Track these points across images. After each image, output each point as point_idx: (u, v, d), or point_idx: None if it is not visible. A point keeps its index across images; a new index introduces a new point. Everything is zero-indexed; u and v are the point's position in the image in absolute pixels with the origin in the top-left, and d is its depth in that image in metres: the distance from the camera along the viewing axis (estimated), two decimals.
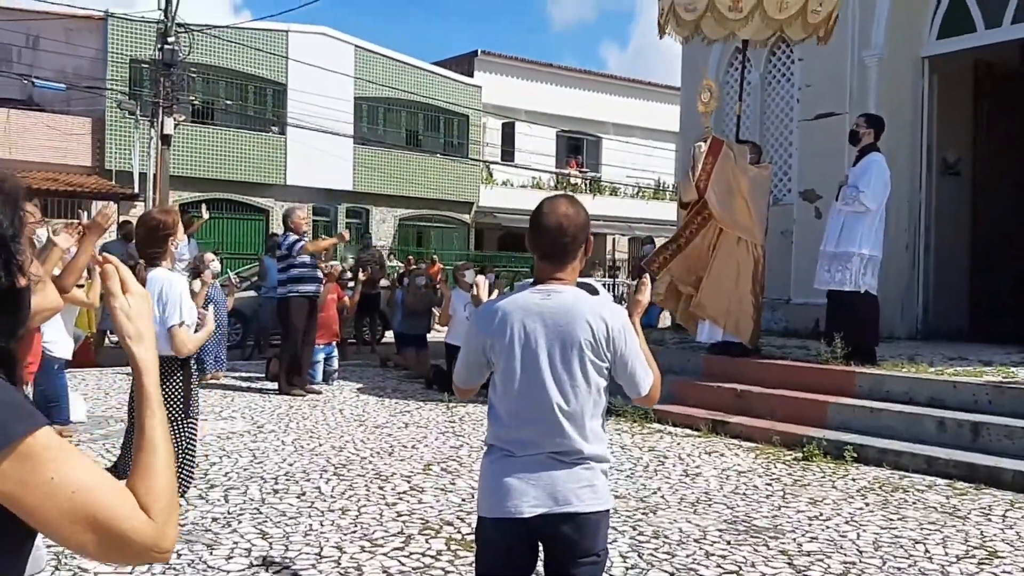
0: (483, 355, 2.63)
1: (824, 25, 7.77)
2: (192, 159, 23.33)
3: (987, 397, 6.14)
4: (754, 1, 7.42)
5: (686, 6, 7.71)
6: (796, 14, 7.49)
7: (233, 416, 7.51)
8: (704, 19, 7.64)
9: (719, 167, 7.67)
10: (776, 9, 7.43)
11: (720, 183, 7.67)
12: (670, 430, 7.21)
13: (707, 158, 7.72)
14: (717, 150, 7.72)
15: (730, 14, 7.49)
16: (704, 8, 7.57)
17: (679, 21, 7.79)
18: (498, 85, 29.85)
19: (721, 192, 7.67)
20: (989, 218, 10.63)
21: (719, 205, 7.67)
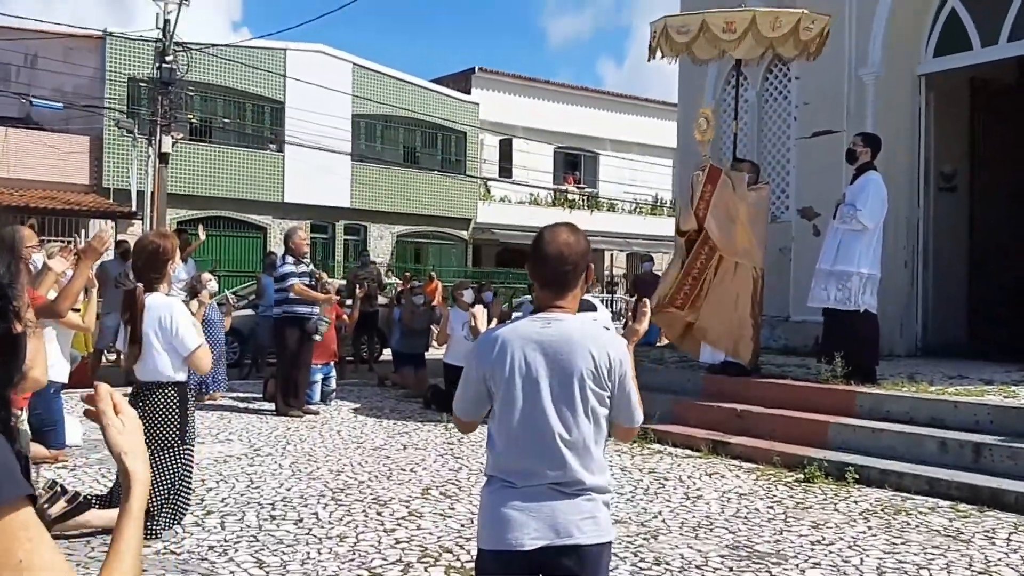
0: (483, 385, 2.60)
1: (815, 42, 7.79)
2: (190, 177, 23.34)
3: (988, 417, 6.11)
4: (747, 22, 7.44)
5: (679, 28, 7.72)
6: (789, 33, 7.50)
7: (230, 439, 7.46)
8: (696, 41, 7.65)
9: (718, 195, 7.67)
10: (769, 28, 7.45)
11: (719, 211, 7.66)
12: (670, 450, 7.17)
13: (705, 186, 7.72)
14: (715, 178, 7.71)
15: (724, 35, 7.51)
16: (697, 30, 7.58)
17: (671, 44, 7.81)
18: (496, 102, 29.93)
19: (720, 219, 7.66)
20: (986, 233, 10.64)
21: (719, 232, 7.66)
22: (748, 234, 7.69)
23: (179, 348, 4.39)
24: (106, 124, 21.84)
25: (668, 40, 7.83)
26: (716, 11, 7.85)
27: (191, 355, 4.38)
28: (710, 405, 7.71)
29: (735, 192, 7.66)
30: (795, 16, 7.55)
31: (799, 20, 7.52)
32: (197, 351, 4.38)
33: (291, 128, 24.29)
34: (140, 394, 4.48)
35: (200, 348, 4.40)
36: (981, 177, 10.56)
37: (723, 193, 7.66)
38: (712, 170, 7.79)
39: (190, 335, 4.39)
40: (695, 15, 7.85)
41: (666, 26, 7.85)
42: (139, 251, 4.57)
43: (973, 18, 9.38)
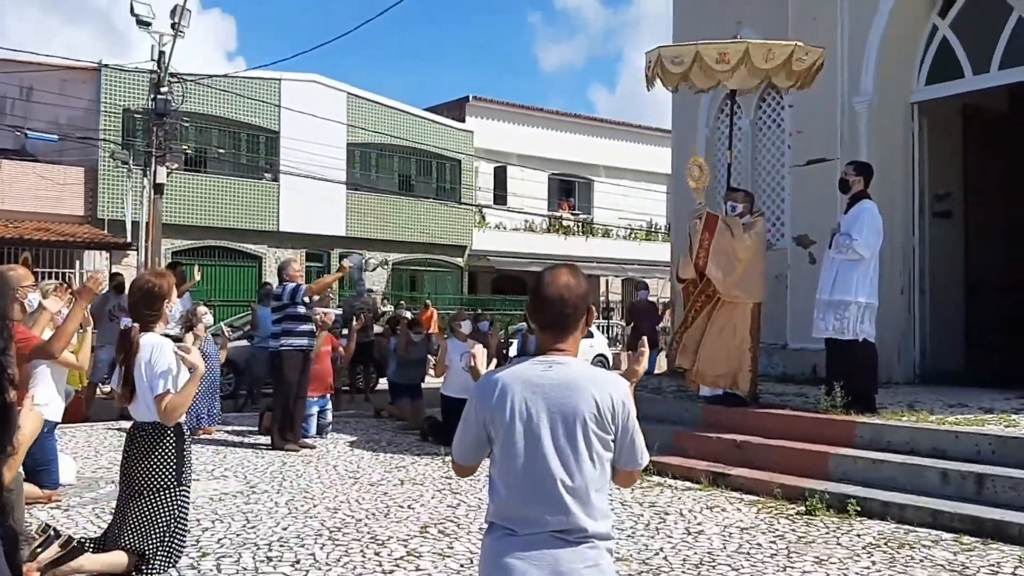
0: (483, 430, 2.57)
1: (808, 73, 7.82)
2: (185, 207, 23.35)
3: (990, 447, 6.07)
4: (740, 54, 7.47)
5: (673, 59, 7.74)
6: (782, 64, 7.54)
7: (225, 475, 7.38)
8: (691, 71, 7.68)
9: (716, 242, 7.68)
10: (762, 60, 7.48)
11: (720, 257, 7.67)
12: (670, 483, 7.11)
13: (703, 235, 7.73)
14: (713, 226, 7.73)
15: (717, 66, 7.54)
16: (691, 61, 7.60)
17: (666, 74, 7.83)
18: (490, 130, 30.07)
19: (722, 264, 7.66)
20: (981, 259, 10.67)
21: (723, 277, 7.66)
22: (751, 273, 7.71)
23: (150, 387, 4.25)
24: (101, 155, 21.87)
25: (663, 71, 7.87)
26: (710, 42, 7.89)
27: (156, 399, 4.21)
28: (709, 436, 7.67)
29: (733, 237, 7.65)
30: (788, 48, 7.59)
31: (792, 52, 7.55)
32: (163, 396, 4.19)
33: (286, 158, 24.35)
34: (136, 434, 4.42)
35: (165, 396, 4.19)
36: (975, 203, 10.60)
37: (722, 240, 7.68)
38: (709, 218, 7.79)
39: (162, 378, 4.23)
40: (688, 46, 7.88)
41: (660, 56, 7.88)
42: (135, 290, 4.52)
43: (964, 46, 9.45)
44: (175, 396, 4.29)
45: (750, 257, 7.67)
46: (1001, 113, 10.90)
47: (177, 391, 4.31)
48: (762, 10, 10.80)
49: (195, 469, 7.04)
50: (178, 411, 4.33)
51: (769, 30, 10.02)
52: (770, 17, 10.50)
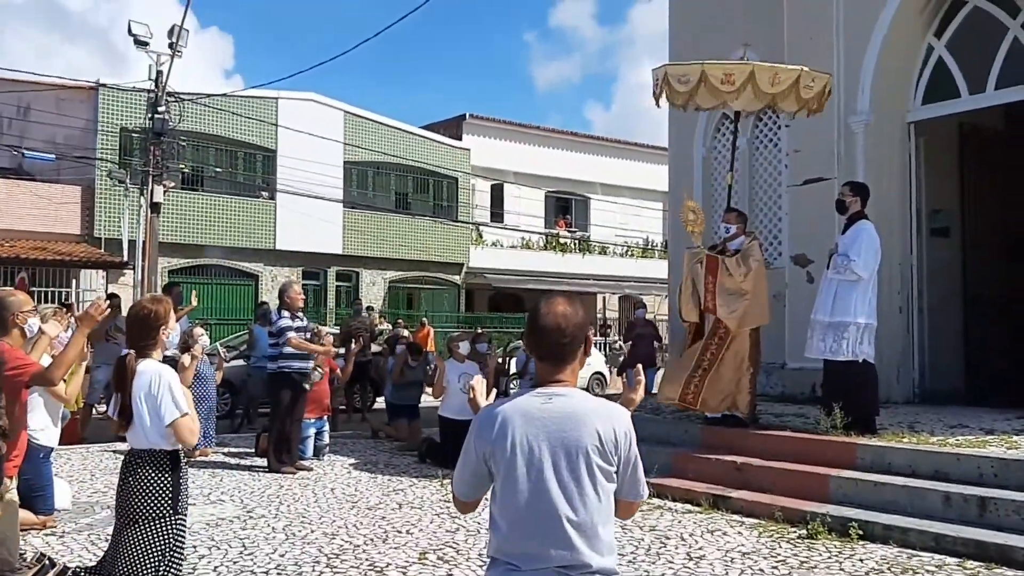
0: (483, 465, 2.54)
1: (817, 100, 7.82)
2: (181, 225, 23.33)
3: (992, 470, 6.04)
4: (746, 75, 7.47)
5: (679, 78, 7.74)
6: (788, 89, 7.54)
7: (222, 499, 7.32)
8: (698, 90, 7.67)
9: (720, 284, 7.68)
10: (768, 84, 7.48)
11: (724, 296, 7.67)
12: (670, 505, 7.06)
13: (707, 279, 7.72)
14: (715, 268, 7.73)
15: (722, 87, 7.53)
16: (697, 80, 7.60)
17: (673, 92, 7.83)
18: (487, 148, 30.13)
19: (730, 303, 7.66)
20: (979, 278, 10.66)
21: (729, 313, 7.65)
22: (758, 300, 7.72)
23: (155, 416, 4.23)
24: (98, 174, 21.88)
25: (670, 89, 7.86)
26: (716, 62, 7.91)
27: (170, 426, 4.20)
28: (709, 458, 7.62)
29: (732, 274, 7.64)
30: (794, 73, 7.59)
31: (799, 77, 7.55)
32: (175, 422, 4.19)
33: (283, 176, 24.36)
34: (131, 462, 4.37)
35: (177, 421, 4.19)
36: (972, 222, 10.61)
37: (725, 281, 7.68)
38: (710, 261, 7.78)
39: (169, 405, 4.22)
40: (695, 65, 7.88)
41: (667, 75, 7.88)
42: (131, 317, 4.47)
43: (960, 66, 9.49)
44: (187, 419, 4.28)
45: (754, 286, 7.68)
46: (997, 132, 10.93)
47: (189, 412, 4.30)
48: (759, 30, 10.84)
49: (191, 494, 6.99)
50: (194, 432, 4.30)
51: (766, 50, 10.05)
52: (768, 37, 10.54)
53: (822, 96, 7.84)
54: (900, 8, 9.51)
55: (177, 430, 4.20)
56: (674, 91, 7.81)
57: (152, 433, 4.33)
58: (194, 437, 4.27)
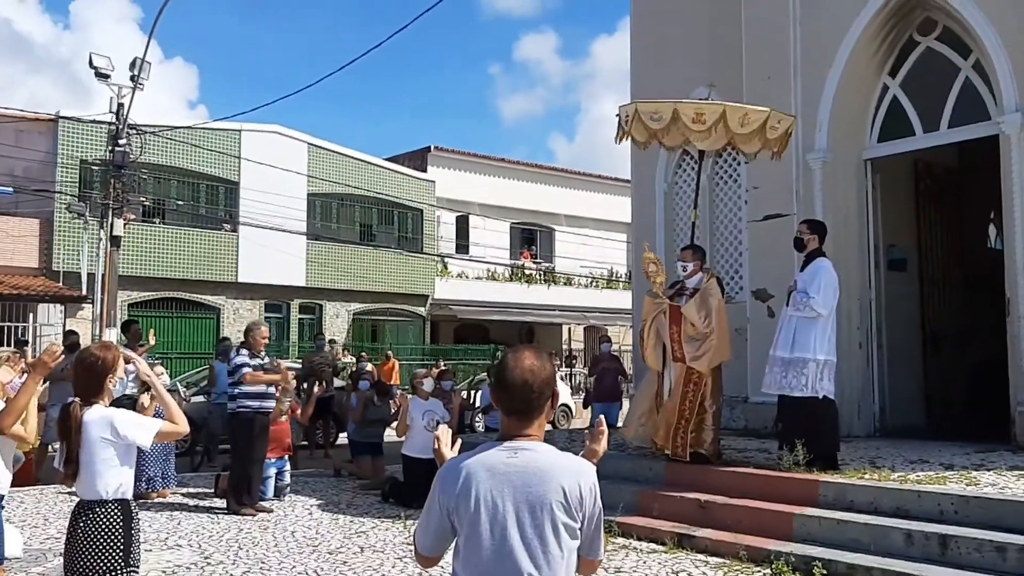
0: (447, 519, 2.50)
1: (779, 141, 7.93)
2: (142, 258, 23.05)
3: (952, 507, 6.08)
4: (717, 115, 7.55)
5: (651, 115, 7.77)
6: (756, 130, 7.64)
7: (179, 544, 7.15)
8: (668, 129, 7.74)
9: (684, 333, 7.71)
10: (738, 124, 7.57)
11: (691, 343, 7.70)
12: (635, 545, 7.01)
13: (672, 329, 7.75)
14: (678, 318, 7.76)
15: (693, 125, 7.60)
16: (669, 118, 7.66)
17: (640, 129, 7.88)
18: (452, 179, 30.21)
19: (697, 348, 7.69)
20: (937, 313, 10.83)
21: (700, 360, 7.67)
22: (722, 338, 7.75)
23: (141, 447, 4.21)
24: (57, 207, 21.57)
25: (641, 125, 7.89)
26: (688, 101, 8.01)
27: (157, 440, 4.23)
28: (673, 495, 7.59)
29: (696, 324, 7.68)
30: (763, 114, 7.69)
31: (766, 119, 7.65)
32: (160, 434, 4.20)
33: (246, 208, 24.20)
34: (80, 514, 4.24)
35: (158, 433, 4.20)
36: (929, 257, 10.79)
37: (686, 329, 7.72)
38: (673, 312, 7.81)
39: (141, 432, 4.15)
40: (667, 103, 7.93)
41: (638, 111, 7.91)
42: (78, 364, 4.36)
43: (914, 105, 9.69)
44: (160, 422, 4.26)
45: (717, 323, 7.71)
46: (951, 169, 11.17)
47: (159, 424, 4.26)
48: (718, 68, 11.00)
49: (147, 538, 6.84)
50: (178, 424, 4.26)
51: (725, 88, 10.19)
52: (727, 75, 10.69)
53: (784, 137, 7.95)
54: (855, 48, 9.71)
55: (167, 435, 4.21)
56: (641, 128, 7.86)
57: (103, 482, 4.22)
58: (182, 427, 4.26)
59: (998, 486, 6.40)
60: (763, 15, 10.49)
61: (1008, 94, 8.48)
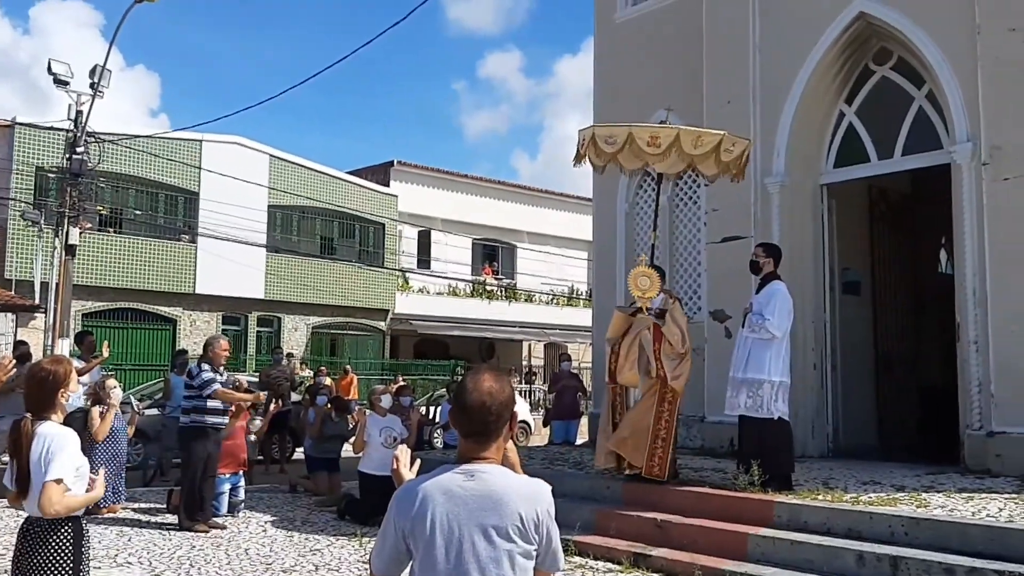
0: (402, 543, 2.49)
1: (736, 164, 8.05)
2: (98, 268, 22.68)
3: (903, 529, 6.18)
4: (671, 139, 7.64)
5: (606, 139, 7.86)
6: (710, 152, 7.74)
7: (129, 562, 7.02)
8: (623, 152, 7.81)
9: (663, 350, 7.78)
10: (692, 146, 7.67)
11: (669, 362, 7.77)
12: (591, 564, 7.03)
13: (655, 346, 7.81)
14: (660, 336, 7.83)
15: (648, 148, 7.68)
16: (623, 142, 7.74)
17: (598, 152, 7.95)
18: (414, 194, 30.18)
19: (675, 368, 7.76)
20: (889, 336, 11.03)
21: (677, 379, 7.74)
22: (689, 357, 7.84)
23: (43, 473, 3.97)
24: (11, 215, 21.15)
25: (596, 148, 7.97)
26: (642, 125, 8.09)
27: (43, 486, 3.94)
28: (630, 514, 7.62)
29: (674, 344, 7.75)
30: (716, 137, 7.80)
31: (720, 141, 7.76)
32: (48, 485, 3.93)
33: (205, 219, 23.92)
34: (28, 531, 4.15)
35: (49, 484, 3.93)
36: (883, 282, 11.00)
37: (665, 348, 7.79)
38: (656, 330, 7.86)
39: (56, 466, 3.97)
40: (622, 127, 8.01)
41: (594, 135, 8.00)
42: (30, 379, 4.27)
43: (869, 132, 9.90)
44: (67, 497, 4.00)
45: (688, 344, 7.82)
46: (904, 195, 11.41)
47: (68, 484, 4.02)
48: (679, 93, 11.16)
49: (96, 555, 6.70)
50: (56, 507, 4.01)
51: (686, 112, 10.35)
52: (687, 99, 10.85)
53: (740, 160, 8.06)
54: (813, 76, 9.91)
55: (45, 492, 3.94)
56: (598, 152, 7.93)
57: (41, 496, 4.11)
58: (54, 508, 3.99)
59: (947, 508, 6.53)
60: (724, 41, 10.67)
61: (960, 124, 8.70)
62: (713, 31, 10.83)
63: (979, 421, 8.37)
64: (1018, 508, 6.39)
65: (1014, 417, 8.04)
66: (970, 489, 7.29)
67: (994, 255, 8.28)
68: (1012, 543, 5.67)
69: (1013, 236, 8.16)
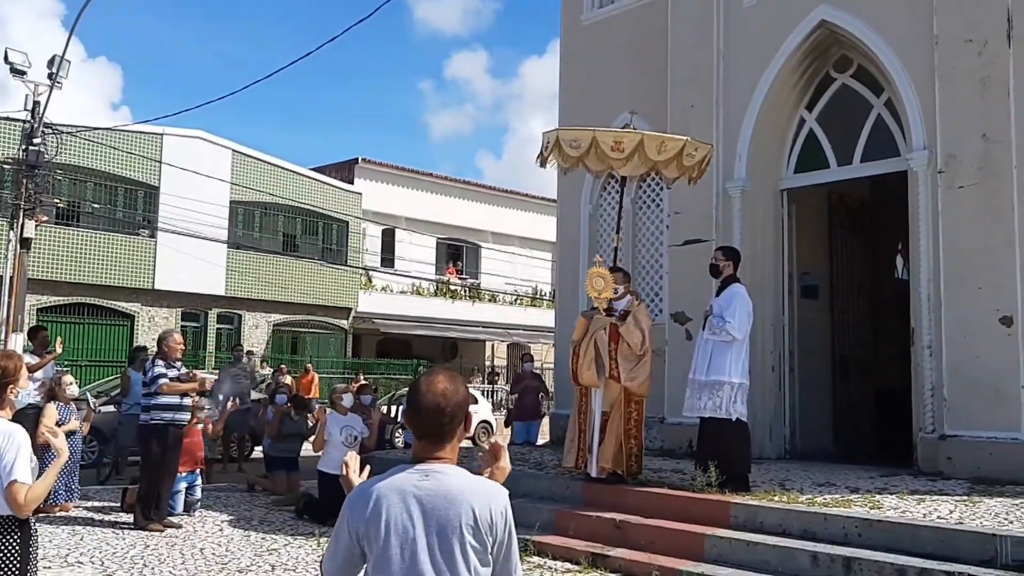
0: (356, 545, 2.47)
1: (697, 168, 8.12)
2: (54, 262, 22.28)
3: (856, 530, 6.27)
4: (635, 144, 7.71)
5: (571, 143, 7.92)
6: (673, 157, 7.81)
7: (80, 561, 6.90)
8: (587, 155, 7.87)
9: (620, 351, 7.81)
10: (655, 151, 7.73)
11: (625, 363, 7.80)
12: (550, 564, 7.04)
13: (610, 346, 7.85)
14: (617, 337, 7.86)
15: (612, 153, 7.75)
16: (588, 146, 7.80)
17: (563, 155, 8.01)
18: (378, 192, 30.02)
19: (631, 369, 7.79)
20: (846, 340, 11.19)
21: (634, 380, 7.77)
22: (648, 359, 7.86)
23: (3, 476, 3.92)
24: None
25: (560, 152, 8.03)
26: (606, 130, 8.16)
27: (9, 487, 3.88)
28: (589, 515, 7.65)
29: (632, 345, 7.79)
30: (679, 142, 7.88)
31: (683, 147, 7.84)
32: (13, 485, 3.88)
33: (165, 214, 23.59)
34: None
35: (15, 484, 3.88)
36: (841, 287, 11.16)
37: (622, 349, 7.82)
38: (612, 329, 7.89)
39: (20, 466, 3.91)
40: (586, 131, 8.09)
41: (559, 139, 8.05)
42: None
43: (829, 139, 10.04)
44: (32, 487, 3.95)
45: (651, 345, 7.88)
46: (863, 201, 11.58)
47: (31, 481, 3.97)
48: (644, 95, 11.21)
49: (46, 555, 6.59)
50: (29, 506, 3.98)
51: (650, 115, 10.40)
52: (652, 103, 10.90)
53: (702, 164, 8.14)
54: (775, 82, 10.02)
55: (12, 494, 3.89)
56: (563, 155, 7.99)
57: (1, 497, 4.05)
58: (28, 509, 3.94)
59: (900, 510, 6.63)
60: (689, 46, 10.75)
61: (917, 133, 8.85)
62: (678, 36, 10.91)
63: (932, 424, 8.52)
64: (968, 510, 6.52)
65: (965, 421, 8.19)
66: (922, 491, 7.42)
67: (948, 261, 8.43)
68: (961, 544, 5.78)
69: (966, 243, 8.31)
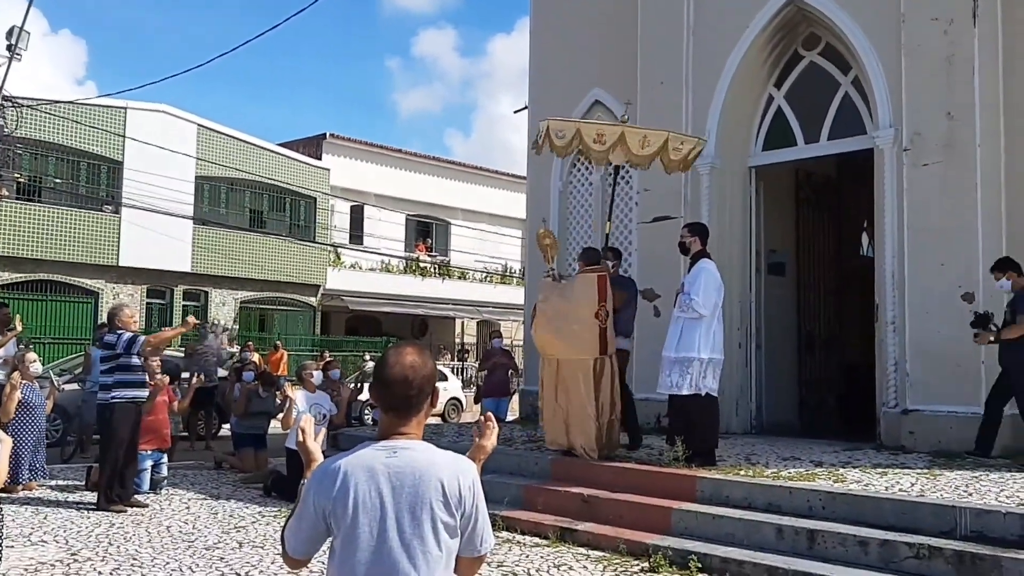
0: (322, 522, 2.45)
1: (684, 162, 8.17)
2: (15, 238, 21.89)
3: (820, 503, 6.37)
4: (616, 137, 7.75)
5: (557, 132, 8.01)
6: (656, 151, 7.84)
7: (44, 541, 6.82)
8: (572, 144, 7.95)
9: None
10: (638, 146, 7.76)
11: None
12: (518, 539, 7.07)
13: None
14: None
15: (594, 145, 7.80)
16: (571, 137, 7.85)
17: (552, 145, 8.08)
18: (347, 168, 29.76)
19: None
20: (812, 316, 11.32)
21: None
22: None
23: None
24: None
25: (551, 142, 8.09)
26: (589, 122, 8.24)
27: None
28: (558, 490, 7.69)
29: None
30: (662, 136, 7.91)
31: (666, 140, 7.87)
32: None
33: (129, 189, 23.24)
34: None
35: None
36: (807, 263, 11.27)
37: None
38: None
39: None
40: (570, 123, 8.20)
41: (549, 128, 8.12)
42: None
43: (797, 116, 10.09)
44: None
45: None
46: (829, 178, 11.68)
47: None
48: (614, 73, 11.20)
49: (9, 534, 6.51)
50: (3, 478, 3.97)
51: (620, 91, 10.39)
52: (621, 80, 10.89)
53: (688, 157, 8.20)
54: (744, 59, 10.04)
55: None
56: (554, 144, 8.08)
57: None
58: None
59: (862, 483, 6.74)
60: (659, 23, 10.73)
61: (883, 111, 8.92)
62: (648, 12, 10.87)
63: (894, 399, 8.66)
64: (928, 483, 6.64)
65: (927, 395, 8.34)
66: (884, 464, 7.54)
67: (912, 239, 8.53)
68: (922, 516, 5.88)
69: (930, 221, 8.42)
